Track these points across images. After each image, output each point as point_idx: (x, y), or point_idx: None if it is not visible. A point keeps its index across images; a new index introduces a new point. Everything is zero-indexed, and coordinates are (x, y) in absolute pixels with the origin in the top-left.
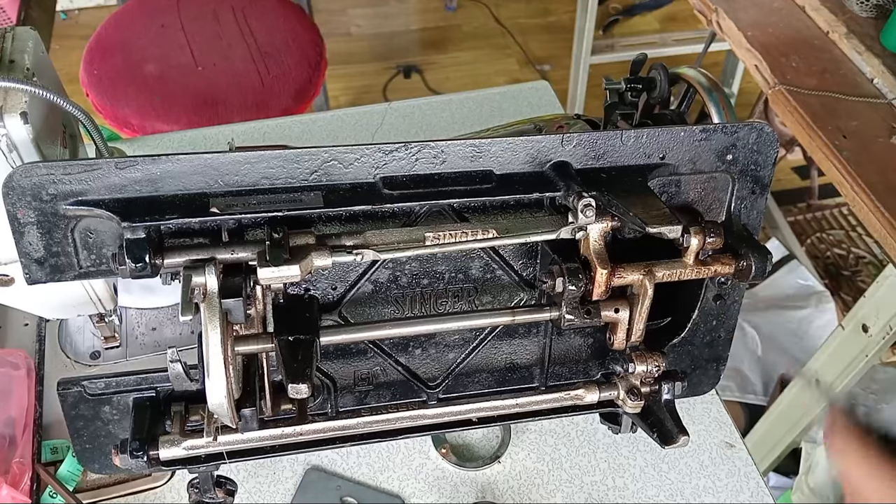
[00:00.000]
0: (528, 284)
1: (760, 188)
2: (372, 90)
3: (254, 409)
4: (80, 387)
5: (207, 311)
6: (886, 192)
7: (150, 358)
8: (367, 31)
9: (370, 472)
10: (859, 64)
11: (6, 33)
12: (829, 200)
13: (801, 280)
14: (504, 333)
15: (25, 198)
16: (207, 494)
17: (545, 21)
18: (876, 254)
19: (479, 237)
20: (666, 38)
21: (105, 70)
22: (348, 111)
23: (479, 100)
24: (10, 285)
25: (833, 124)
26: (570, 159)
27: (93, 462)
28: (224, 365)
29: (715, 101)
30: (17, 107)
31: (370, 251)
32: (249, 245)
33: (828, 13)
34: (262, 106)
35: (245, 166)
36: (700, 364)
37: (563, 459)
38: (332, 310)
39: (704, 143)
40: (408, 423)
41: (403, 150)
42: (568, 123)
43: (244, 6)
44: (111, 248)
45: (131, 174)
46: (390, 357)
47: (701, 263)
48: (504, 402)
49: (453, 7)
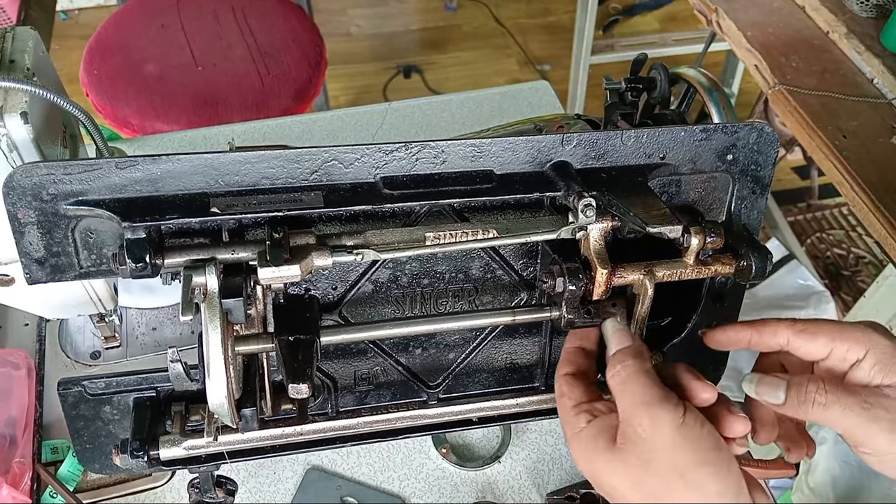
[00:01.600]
0: (529, 284)
1: (760, 188)
2: (372, 90)
3: (254, 409)
4: (80, 387)
5: (208, 311)
6: (886, 192)
7: (150, 358)
8: (367, 31)
9: (370, 472)
10: (859, 64)
11: (6, 33)
12: (829, 200)
13: (801, 280)
14: (504, 333)
15: (26, 198)
16: (208, 494)
17: (545, 21)
18: (876, 254)
19: (480, 237)
20: (666, 38)
21: (105, 70)
22: (348, 111)
23: (479, 100)
24: (10, 285)
25: (833, 124)
26: (571, 159)
27: (93, 462)
28: (224, 365)
29: (715, 101)
30: (18, 107)
31: (370, 251)
32: (250, 245)
33: (828, 13)
34: (262, 106)
35: (245, 166)
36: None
37: (563, 459)
38: (333, 310)
39: (705, 143)
40: (408, 423)
41: (404, 150)
42: (568, 123)
43: (244, 6)
44: (111, 247)
45: (132, 174)
46: (391, 357)
47: (701, 263)
48: (504, 402)
49: (453, 7)
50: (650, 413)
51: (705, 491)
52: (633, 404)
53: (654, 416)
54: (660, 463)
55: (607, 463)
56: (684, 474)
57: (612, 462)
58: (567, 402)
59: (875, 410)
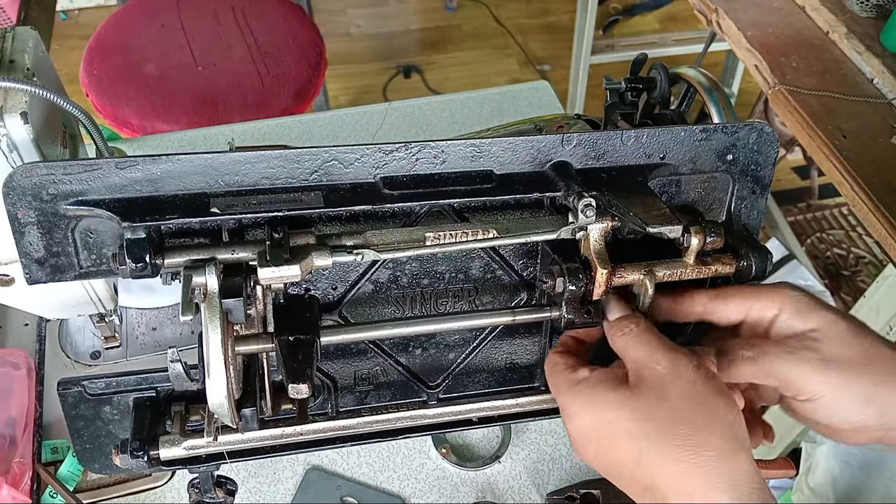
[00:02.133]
0: (529, 284)
1: (760, 188)
2: (372, 90)
3: (254, 409)
4: (80, 387)
5: (208, 311)
6: (886, 192)
7: (150, 358)
8: (367, 31)
9: (370, 472)
10: (859, 64)
11: (6, 33)
12: (829, 200)
13: (801, 280)
14: (504, 333)
15: (26, 198)
16: (208, 494)
17: (545, 21)
18: (876, 254)
19: (480, 237)
20: (666, 38)
21: (105, 70)
22: (348, 111)
23: (479, 100)
24: (10, 285)
25: (833, 124)
26: (571, 159)
27: (93, 462)
28: (224, 365)
29: (715, 101)
30: (18, 107)
31: (370, 251)
32: (250, 245)
33: (828, 13)
34: (262, 106)
35: (245, 166)
36: None
37: (563, 459)
38: (333, 310)
39: (704, 143)
40: (408, 423)
41: (404, 150)
42: (568, 123)
43: (244, 6)
44: (111, 247)
45: (131, 174)
46: (391, 357)
47: (701, 263)
48: (504, 402)
49: (453, 7)
50: (668, 356)
51: (722, 420)
52: (650, 351)
53: (672, 358)
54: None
55: (615, 399)
56: (703, 404)
57: (622, 397)
58: (560, 366)
59: (801, 352)
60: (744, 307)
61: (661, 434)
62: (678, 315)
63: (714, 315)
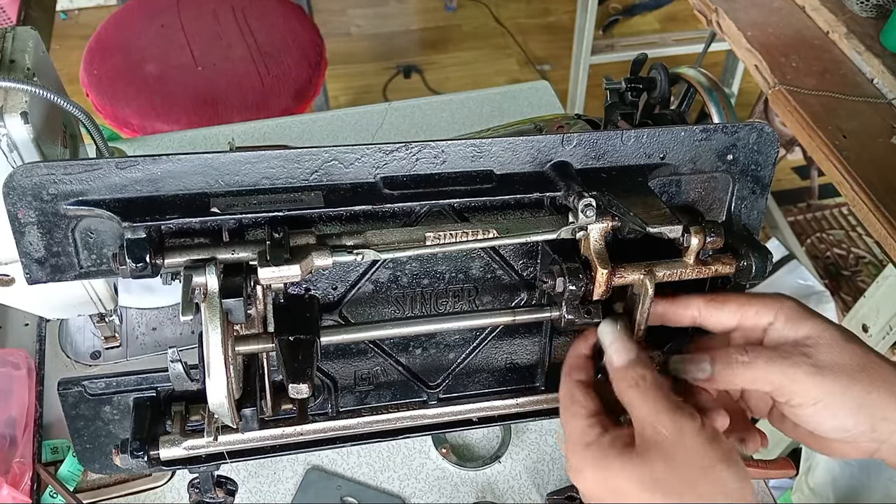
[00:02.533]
0: (529, 284)
1: (760, 188)
2: (372, 90)
3: (254, 408)
4: (80, 387)
5: (208, 311)
6: (886, 192)
7: (150, 358)
8: (367, 31)
9: (370, 472)
10: (859, 64)
11: (6, 33)
12: (829, 200)
13: (801, 280)
14: (504, 333)
15: (26, 198)
16: (208, 494)
17: (545, 21)
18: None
19: (480, 237)
20: (666, 38)
21: (105, 70)
22: (348, 111)
23: (479, 100)
24: (10, 285)
25: (833, 124)
26: (571, 159)
27: (93, 462)
28: (224, 365)
29: (715, 101)
30: (18, 107)
31: (371, 251)
32: (250, 245)
33: (828, 13)
34: (262, 106)
35: (245, 166)
36: None
37: (563, 459)
38: (333, 310)
39: (705, 143)
40: (408, 423)
41: (404, 150)
42: (568, 123)
43: (244, 6)
44: (112, 247)
45: (132, 174)
46: (391, 357)
47: (701, 263)
48: (504, 402)
49: (453, 7)
50: (672, 418)
51: (726, 487)
52: (655, 411)
53: (676, 421)
54: (683, 462)
55: (622, 467)
56: (708, 471)
57: (628, 464)
58: (581, 411)
59: (794, 357)
60: (738, 313)
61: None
62: (672, 319)
63: (708, 320)
